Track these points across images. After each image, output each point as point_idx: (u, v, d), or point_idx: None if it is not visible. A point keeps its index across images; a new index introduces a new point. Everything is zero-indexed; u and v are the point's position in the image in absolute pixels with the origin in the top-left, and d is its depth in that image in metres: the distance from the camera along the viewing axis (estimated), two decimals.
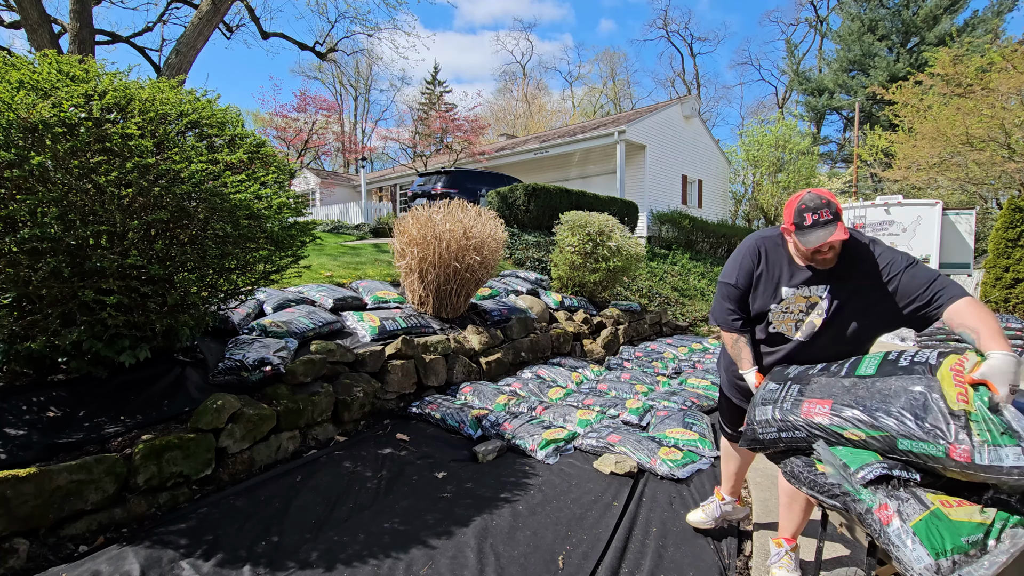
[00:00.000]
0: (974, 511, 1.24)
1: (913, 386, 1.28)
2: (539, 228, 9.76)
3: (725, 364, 2.15)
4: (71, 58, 2.58)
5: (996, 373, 1.21)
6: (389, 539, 2.31)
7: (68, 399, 2.66)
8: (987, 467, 1.11)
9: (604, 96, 41.70)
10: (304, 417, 3.29)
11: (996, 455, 1.11)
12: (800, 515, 1.96)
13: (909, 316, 1.63)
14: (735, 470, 2.32)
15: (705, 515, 2.40)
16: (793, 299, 1.78)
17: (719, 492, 2.41)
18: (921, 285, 1.58)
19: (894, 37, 27.09)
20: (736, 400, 2.10)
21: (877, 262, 1.67)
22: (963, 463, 1.15)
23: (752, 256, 1.87)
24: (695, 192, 17.77)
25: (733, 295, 1.89)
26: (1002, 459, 1.11)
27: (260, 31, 10.82)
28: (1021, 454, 1.10)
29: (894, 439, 1.26)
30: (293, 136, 17.83)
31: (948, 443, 1.17)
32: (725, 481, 2.39)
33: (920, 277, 1.59)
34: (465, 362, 4.69)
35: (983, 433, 1.14)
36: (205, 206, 2.66)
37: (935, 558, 1.18)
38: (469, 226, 4.99)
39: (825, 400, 1.44)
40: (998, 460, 1.11)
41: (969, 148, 13.01)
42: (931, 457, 1.20)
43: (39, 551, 2.12)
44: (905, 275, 1.61)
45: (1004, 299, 8.55)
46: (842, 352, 1.73)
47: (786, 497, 1.99)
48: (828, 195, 1.67)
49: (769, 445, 1.62)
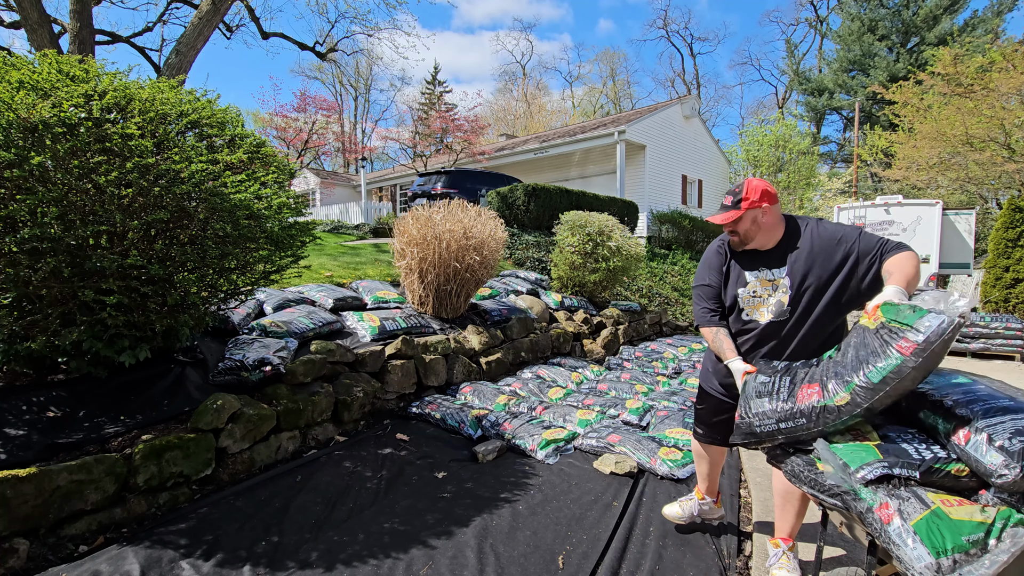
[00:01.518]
0: (975, 510, 1.24)
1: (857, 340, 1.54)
2: (539, 228, 9.76)
3: (710, 363, 2.19)
4: (71, 58, 2.58)
5: (882, 296, 1.56)
6: (389, 539, 2.31)
7: (68, 399, 2.66)
8: (927, 338, 1.33)
9: (604, 96, 41.73)
10: (304, 417, 3.29)
11: (923, 326, 1.34)
12: (795, 515, 2.01)
13: (863, 275, 1.80)
14: (707, 471, 2.37)
15: (682, 510, 2.43)
16: (758, 283, 1.94)
17: (698, 491, 2.46)
18: (874, 244, 1.78)
19: (894, 37, 27.09)
20: (720, 395, 2.14)
21: (829, 236, 1.85)
22: (914, 350, 1.34)
23: (718, 254, 2.06)
24: (695, 192, 17.77)
25: (709, 293, 2.05)
26: (930, 324, 1.33)
27: (260, 31, 10.83)
28: (936, 314, 1.33)
29: (865, 377, 1.43)
30: (293, 136, 17.83)
31: (894, 348, 1.39)
32: (701, 482, 2.44)
33: (872, 238, 1.80)
34: (465, 362, 4.69)
35: (903, 326, 1.39)
36: (205, 206, 2.66)
37: (936, 557, 1.18)
38: (469, 226, 4.99)
39: (814, 383, 1.58)
40: (927, 327, 1.33)
41: (969, 148, 13.01)
42: (897, 371, 1.38)
43: (39, 551, 2.12)
44: (861, 240, 1.81)
45: (1004, 299, 8.54)
46: (815, 327, 1.87)
47: (780, 498, 2.03)
48: (753, 186, 1.88)
49: (766, 438, 1.65)
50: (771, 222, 1.90)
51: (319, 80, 37.07)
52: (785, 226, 1.94)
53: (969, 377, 1.56)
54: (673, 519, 2.44)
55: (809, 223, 1.93)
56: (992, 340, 6.48)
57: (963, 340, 6.68)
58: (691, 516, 2.42)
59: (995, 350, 6.45)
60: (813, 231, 1.89)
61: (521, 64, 44.46)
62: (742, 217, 1.89)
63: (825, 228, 1.88)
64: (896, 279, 1.61)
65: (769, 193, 1.88)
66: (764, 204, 1.86)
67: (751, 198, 1.85)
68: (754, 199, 1.85)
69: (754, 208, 1.86)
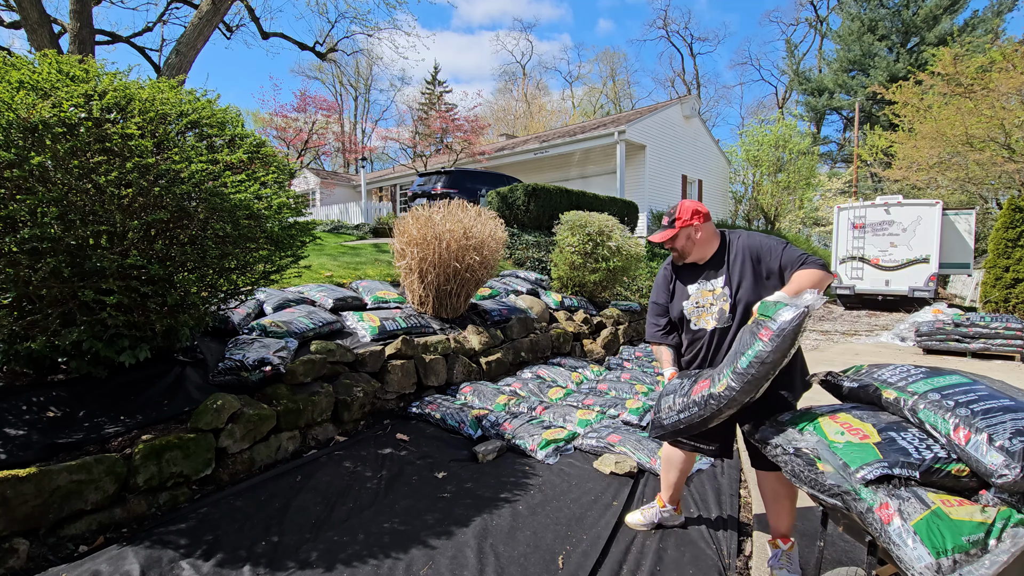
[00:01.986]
0: (975, 510, 1.24)
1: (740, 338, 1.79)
2: (539, 228, 9.76)
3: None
4: (71, 58, 2.58)
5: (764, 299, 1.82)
6: (389, 539, 2.31)
7: (68, 399, 2.66)
8: (779, 325, 1.62)
9: (604, 96, 41.73)
10: (304, 417, 3.29)
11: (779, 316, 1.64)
12: (787, 513, 2.07)
13: (779, 286, 2.00)
14: (675, 480, 2.40)
15: (643, 518, 2.48)
16: (700, 294, 2.13)
17: (660, 499, 2.48)
18: (795, 258, 1.98)
19: (894, 37, 27.10)
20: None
21: (756, 247, 2.06)
22: (770, 336, 1.62)
23: (666, 271, 2.28)
24: (695, 192, 17.76)
25: (657, 311, 2.29)
26: (783, 315, 1.62)
27: (260, 31, 10.83)
28: (790, 307, 1.63)
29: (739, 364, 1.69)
30: (293, 136, 17.83)
31: (758, 336, 1.66)
32: (665, 490, 2.46)
33: (794, 253, 2.00)
34: (465, 362, 4.69)
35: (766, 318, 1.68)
36: (205, 206, 2.66)
37: (936, 557, 1.18)
38: (469, 226, 4.99)
39: (707, 379, 1.84)
40: (780, 316, 1.63)
41: (969, 148, 13.01)
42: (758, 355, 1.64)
43: (39, 551, 2.12)
44: (784, 253, 2.01)
45: (1004, 299, 8.54)
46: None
47: (770, 500, 2.08)
48: (685, 207, 2.11)
49: (671, 427, 1.93)
50: (705, 237, 2.12)
51: (319, 80, 37.09)
52: (719, 240, 2.15)
53: (969, 377, 1.56)
54: (635, 527, 2.46)
55: (740, 236, 2.13)
56: (992, 340, 6.48)
57: (963, 340, 6.68)
58: (652, 524, 2.46)
59: (995, 350, 6.45)
60: (744, 243, 2.09)
61: (521, 64, 44.50)
62: (677, 235, 2.12)
63: (753, 240, 2.08)
64: (787, 288, 1.87)
65: (700, 212, 2.11)
66: (695, 222, 2.09)
67: (683, 217, 2.09)
68: (686, 218, 2.09)
69: (687, 226, 2.10)
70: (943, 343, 6.80)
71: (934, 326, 6.95)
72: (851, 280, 12.57)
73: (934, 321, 7.09)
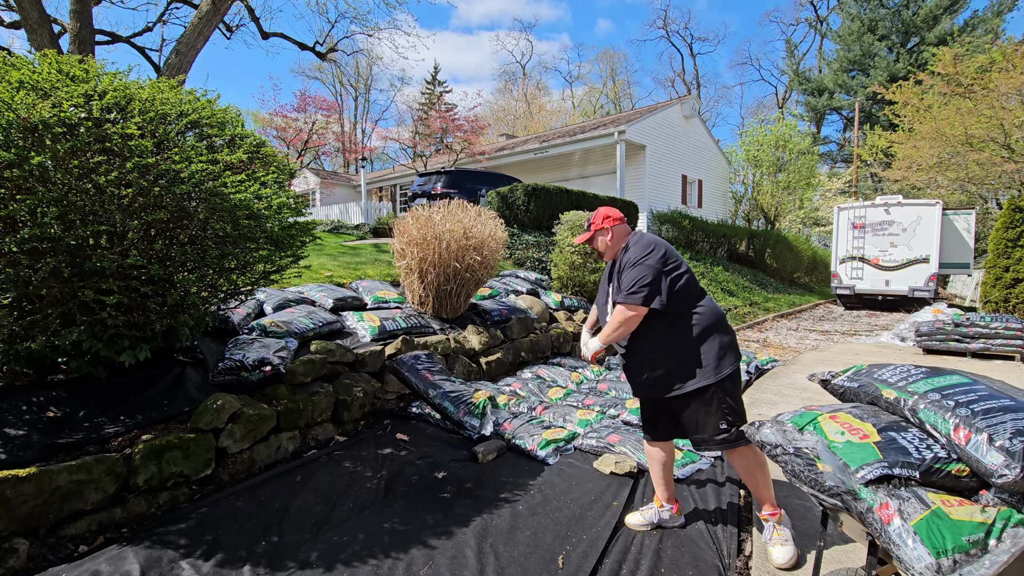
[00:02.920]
0: (975, 510, 1.24)
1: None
2: (539, 228, 9.76)
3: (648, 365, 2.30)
4: (71, 58, 2.58)
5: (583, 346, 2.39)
6: (389, 539, 2.31)
7: (68, 399, 2.66)
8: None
9: (604, 96, 41.74)
10: (304, 417, 3.29)
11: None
12: (763, 483, 2.21)
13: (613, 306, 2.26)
14: (660, 474, 2.42)
15: (643, 519, 2.48)
16: (610, 288, 2.38)
17: (657, 500, 2.49)
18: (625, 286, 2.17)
19: (894, 37, 27.11)
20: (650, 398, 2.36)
21: (623, 262, 2.25)
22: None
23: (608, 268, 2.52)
24: (695, 192, 17.77)
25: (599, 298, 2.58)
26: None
27: (260, 31, 10.82)
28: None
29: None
30: (293, 136, 17.82)
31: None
32: (657, 487, 2.47)
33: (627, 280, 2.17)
34: (465, 362, 4.69)
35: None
36: (205, 206, 2.66)
37: (936, 557, 1.18)
38: (469, 226, 4.99)
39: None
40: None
41: (969, 148, 13.01)
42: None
43: (39, 551, 2.12)
44: (623, 278, 2.20)
45: (1004, 299, 8.54)
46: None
47: (744, 474, 2.23)
48: (599, 212, 2.39)
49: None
50: (615, 239, 2.37)
51: (319, 80, 37.11)
52: (625, 244, 2.34)
53: (969, 377, 1.56)
54: (635, 528, 2.47)
55: (629, 245, 2.30)
56: (992, 340, 6.48)
57: (963, 340, 6.68)
58: (651, 524, 2.46)
59: (995, 350, 6.45)
60: (626, 253, 2.28)
61: (521, 64, 44.53)
62: (592, 237, 2.44)
63: (628, 255, 2.25)
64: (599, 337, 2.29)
65: (611, 217, 2.36)
66: (606, 225, 2.37)
67: (596, 223, 2.39)
68: (598, 223, 2.38)
69: (599, 230, 2.39)
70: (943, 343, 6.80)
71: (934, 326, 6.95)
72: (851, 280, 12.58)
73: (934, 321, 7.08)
